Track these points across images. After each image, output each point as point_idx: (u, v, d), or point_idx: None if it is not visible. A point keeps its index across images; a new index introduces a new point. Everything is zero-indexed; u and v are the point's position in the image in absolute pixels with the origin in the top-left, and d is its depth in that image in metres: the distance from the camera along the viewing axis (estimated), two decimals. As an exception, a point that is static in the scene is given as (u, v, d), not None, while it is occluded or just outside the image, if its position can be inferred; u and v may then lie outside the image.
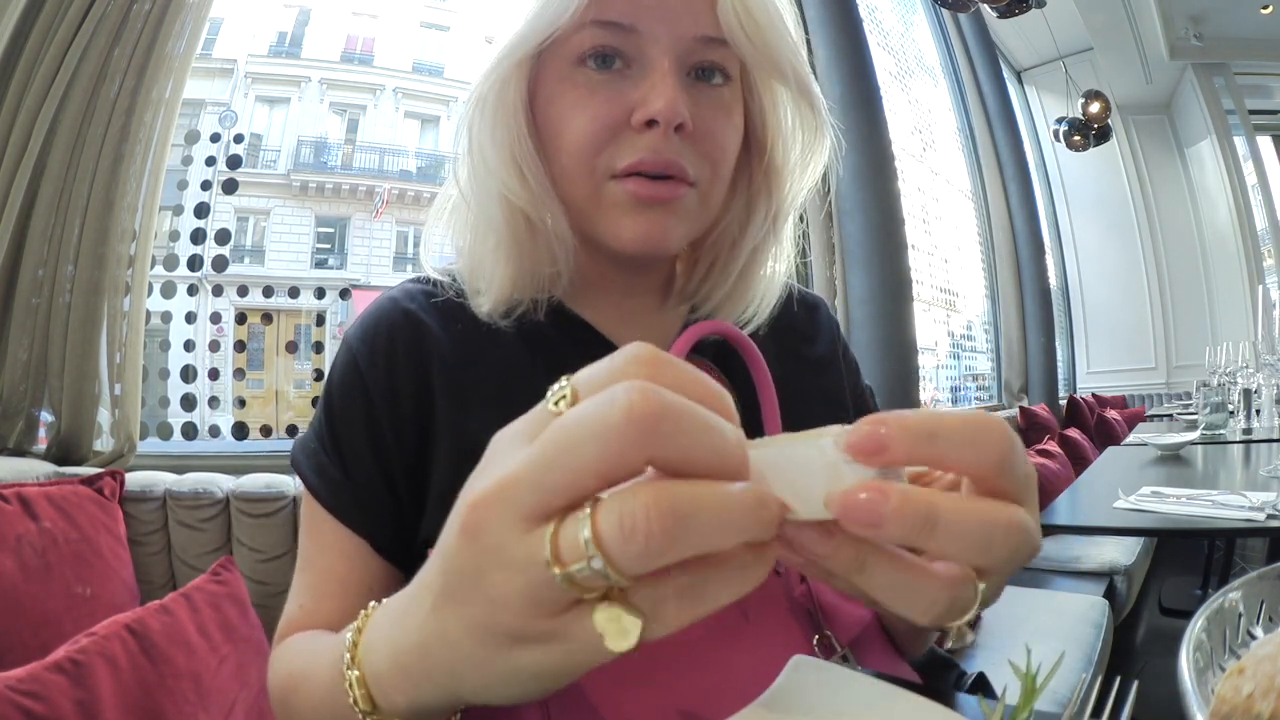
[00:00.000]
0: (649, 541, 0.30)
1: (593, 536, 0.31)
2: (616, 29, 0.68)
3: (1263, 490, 1.62)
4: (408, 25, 10.57)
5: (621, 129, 0.69)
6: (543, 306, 0.77)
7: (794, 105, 0.79)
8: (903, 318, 3.44)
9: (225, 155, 2.69)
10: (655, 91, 0.68)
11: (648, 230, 0.71)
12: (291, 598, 0.73)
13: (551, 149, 0.73)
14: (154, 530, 1.71)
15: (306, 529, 0.74)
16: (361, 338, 0.75)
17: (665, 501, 0.30)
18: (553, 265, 0.76)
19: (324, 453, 0.73)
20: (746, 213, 0.82)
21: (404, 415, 0.72)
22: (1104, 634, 2.23)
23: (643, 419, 0.31)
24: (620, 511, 0.31)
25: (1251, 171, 8.05)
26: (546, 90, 0.72)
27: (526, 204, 0.72)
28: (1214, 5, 7.12)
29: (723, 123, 0.73)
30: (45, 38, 1.90)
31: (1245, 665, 0.38)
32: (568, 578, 0.32)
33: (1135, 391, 8.50)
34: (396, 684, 0.44)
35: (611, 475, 0.32)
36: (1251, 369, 3.34)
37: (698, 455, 0.32)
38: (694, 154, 0.71)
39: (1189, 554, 4.20)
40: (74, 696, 1.01)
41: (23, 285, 1.90)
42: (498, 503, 0.34)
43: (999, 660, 1.87)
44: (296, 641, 0.67)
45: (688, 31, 0.69)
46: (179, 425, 2.38)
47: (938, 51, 6.76)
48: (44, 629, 1.39)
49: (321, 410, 0.75)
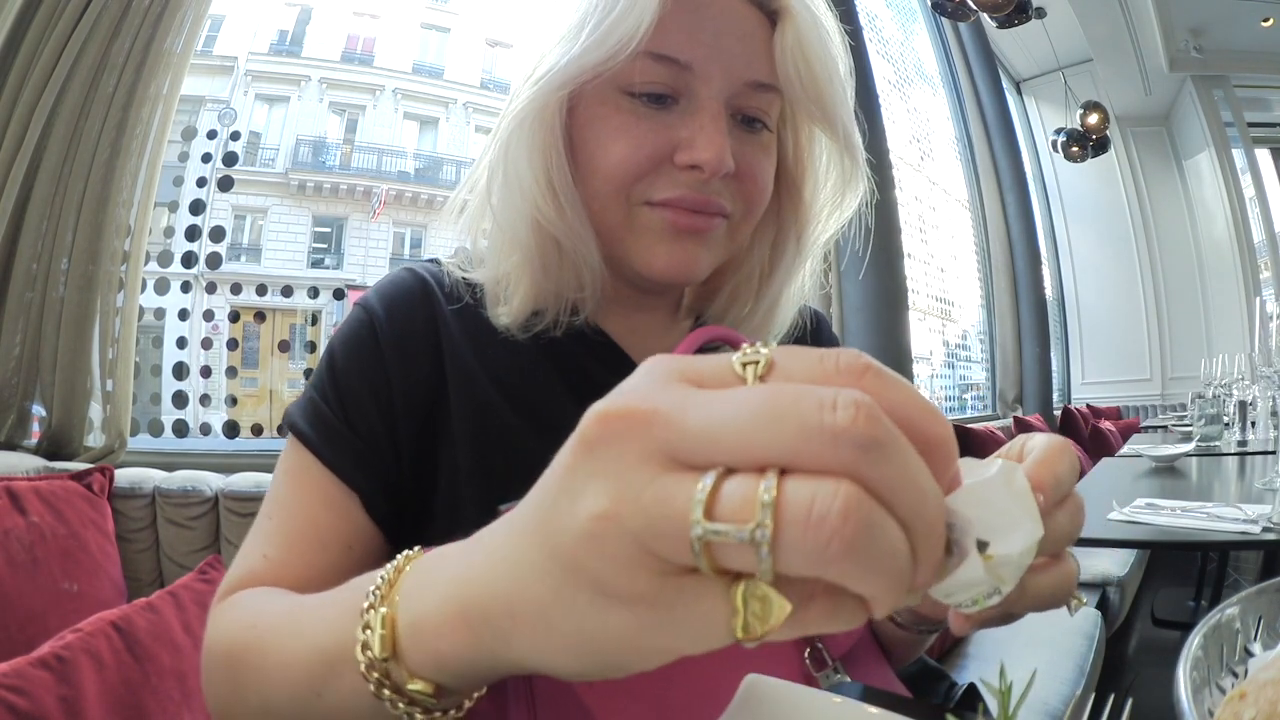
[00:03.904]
0: (831, 539, 0.26)
1: (774, 504, 0.26)
2: (671, 64, 0.67)
3: (1257, 503, 1.61)
4: (408, 26, 10.58)
5: (663, 163, 0.68)
6: (563, 326, 0.75)
7: (833, 151, 0.78)
8: (898, 326, 3.44)
9: (222, 152, 2.69)
10: (704, 137, 0.66)
11: (681, 260, 0.70)
12: (249, 549, 0.67)
13: (586, 171, 0.71)
14: (142, 527, 1.71)
15: (285, 479, 0.70)
16: (380, 302, 0.74)
17: (866, 511, 0.26)
18: (579, 291, 0.74)
19: (324, 404, 0.70)
20: (774, 251, 0.81)
21: (415, 380, 0.71)
22: (1096, 645, 2.22)
23: (862, 437, 0.26)
24: (816, 493, 0.26)
25: (1249, 184, 8.07)
26: (586, 111, 0.70)
27: (559, 230, 0.70)
28: (1214, 18, 7.15)
29: (763, 165, 0.72)
30: (44, 31, 1.90)
31: (1246, 690, 0.38)
32: (709, 537, 0.27)
33: (1130, 403, 8.51)
34: (442, 627, 0.37)
35: (795, 467, 0.27)
36: (1247, 381, 3.34)
37: (895, 502, 0.27)
38: (732, 193, 0.71)
39: (1182, 565, 4.20)
40: (58, 692, 1.00)
41: (16, 279, 1.90)
42: (642, 426, 0.29)
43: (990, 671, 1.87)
44: (256, 596, 0.61)
45: (741, 75, 0.68)
46: (170, 422, 2.37)
47: (937, 61, 6.78)
48: (30, 624, 1.38)
49: (324, 368, 0.72)
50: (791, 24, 0.68)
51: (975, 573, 0.33)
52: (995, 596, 0.35)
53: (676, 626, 0.29)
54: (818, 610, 0.29)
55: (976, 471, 0.34)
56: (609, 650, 0.31)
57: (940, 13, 5.02)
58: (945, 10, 4.89)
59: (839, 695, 0.48)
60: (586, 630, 0.31)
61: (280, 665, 0.49)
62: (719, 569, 0.28)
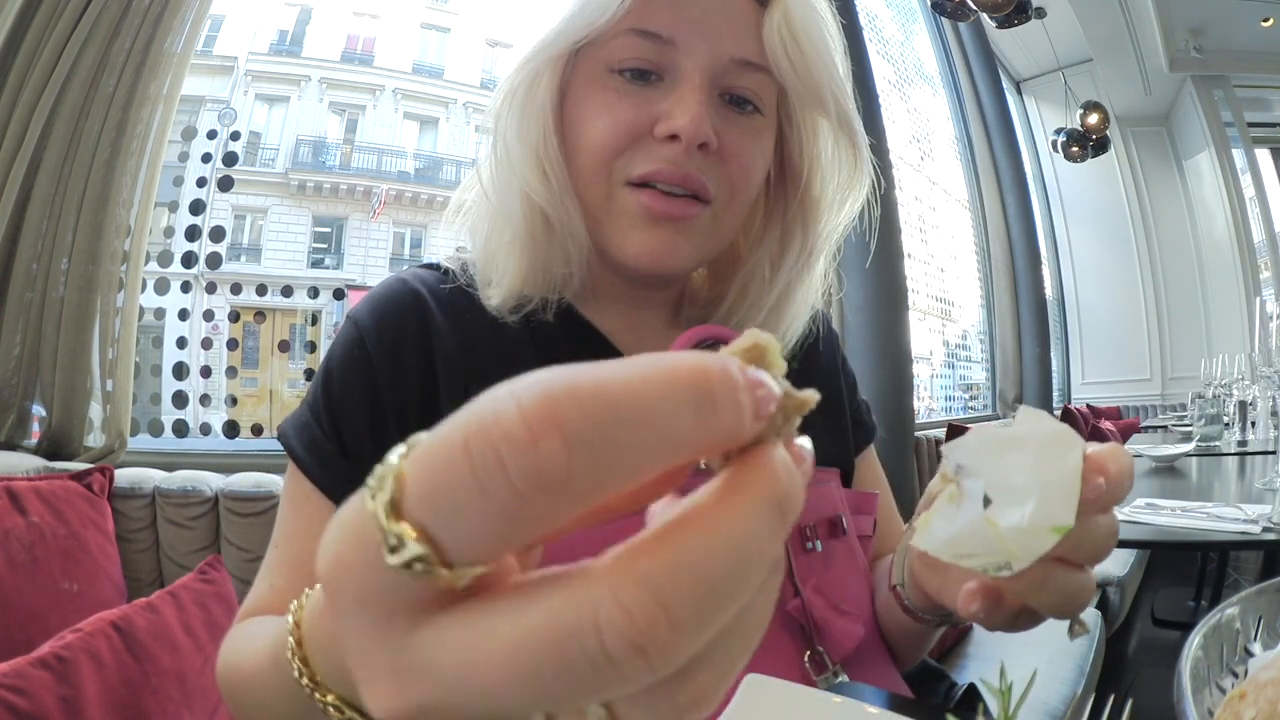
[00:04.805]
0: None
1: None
2: (655, 40, 0.67)
3: (1257, 503, 1.61)
4: (408, 26, 10.58)
5: (643, 137, 0.69)
6: (552, 307, 0.76)
7: (834, 138, 0.78)
8: (898, 326, 3.44)
9: (222, 152, 2.69)
10: (681, 106, 0.67)
11: (655, 246, 0.70)
12: (261, 577, 0.69)
13: (572, 148, 0.72)
14: (142, 527, 1.70)
15: (288, 506, 0.71)
16: (371, 315, 0.74)
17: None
18: (566, 266, 0.75)
19: (318, 426, 0.70)
20: (781, 247, 0.81)
21: (407, 397, 0.71)
22: (1096, 645, 2.22)
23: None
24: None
25: (1249, 184, 8.07)
26: (576, 91, 0.72)
27: (546, 203, 0.71)
28: (1214, 18, 7.15)
29: (750, 147, 0.72)
30: (44, 30, 1.89)
31: (1246, 691, 0.38)
32: None
33: (1130, 403, 8.50)
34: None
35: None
36: (1247, 381, 3.34)
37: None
38: (716, 174, 0.70)
39: (1182, 565, 4.20)
40: (58, 692, 1.00)
41: (16, 279, 1.89)
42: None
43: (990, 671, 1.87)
44: (248, 630, 0.61)
45: (726, 51, 0.68)
46: (170, 422, 2.36)
47: (937, 61, 6.77)
48: (30, 624, 1.38)
49: (319, 385, 0.72)
50: (780, 5, 0.69)
51: (977, 528, 0.31)
52: (1005, 571, 0.34)
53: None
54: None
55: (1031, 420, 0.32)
56: None
57: (940, 13, 5.02)
58: (945, 10, 4.89)
59: (839, 695, 0.48)
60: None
61: (259, 707, 0.50)
62: None
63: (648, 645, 0.18)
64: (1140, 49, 7.48)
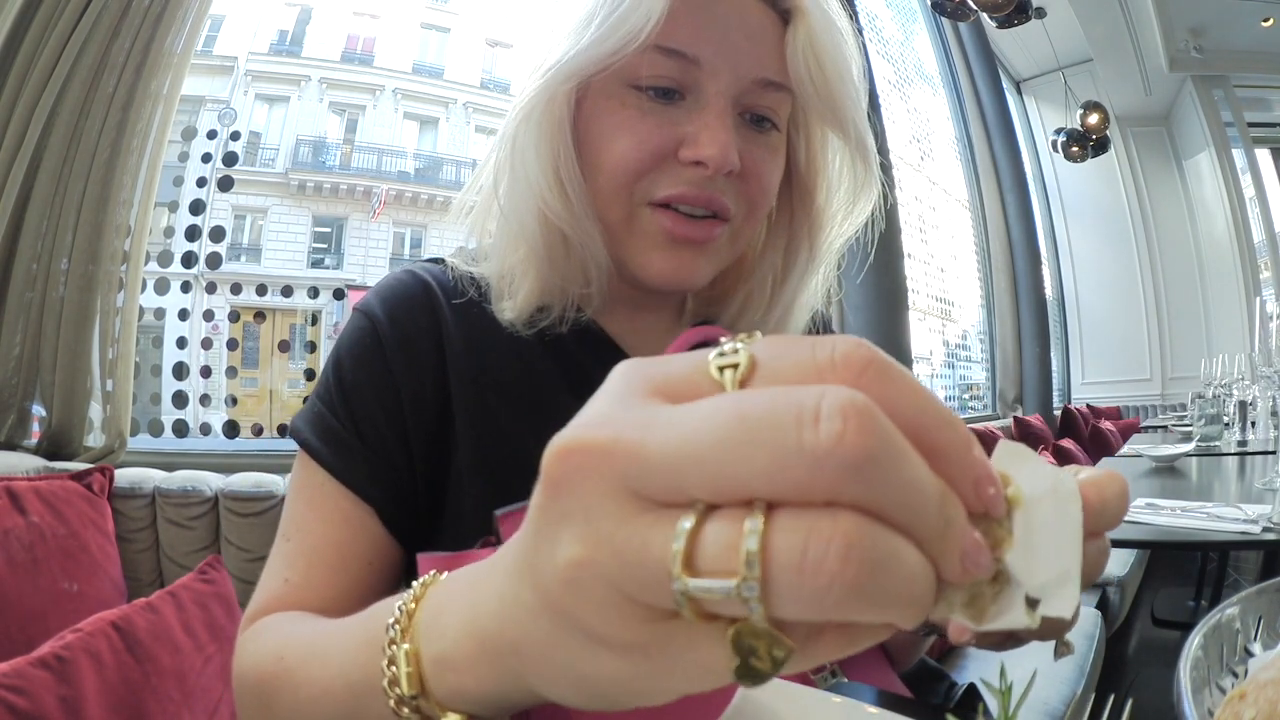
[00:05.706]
0: (831, 585, 0.22)
1: (760, 552, 0.23)
2: (679, 59, 0.66)
3: (1257, 503, 1.61)
4: (408, 26, 10.57)
5: (667, 159, 0.67)
6: (568, 323, 0.74)
7: (845, 155, 0.78)
8: (898, 326, 3.44)
9: (222, 152, 2.69)
10: (709, 134, 0.66)
11: (677, 268, 0.70)
12: (271, 572, 0.66)
13: (591, 167, 0.70)
14: (142, 527, 1.71)
15: (300, 497, 0.69)
16: (381, 305, 0.73)
17: (868, 546, 0.23)
18: (585, 286, 0.73)
19: (332, 416, 0.69)
20: (786, 257, 0.81)
21: (421, 384, 0.70)
22: (1096, 645, 2.22)
23: (853, 455, 0.22)
24: (808, 534, 0.22)
25: (1249, 184, 8.08)
26: (592, 105, 0.69)
27: (566, 224, 0.70)
28: (1214, 18, 7.15)
29: (769, 165, 0.71)
30: (44, 30, 1.90)
31: (1246, 691, 0.38)
32: (692, 594, 0.24)
33: (1130, 403, 8.50)
34: (464, 662, 0.36)
35: (778, 499, 0.23)
36: (1247, 381, 3.34)
37: (902, 518, 0.24)
38: (736, 192, 0.70)
39: (1182, 565, 4.20)
40: (58, 692, 1.00)
41: (16, 279, 1.90)
42: (602, 460, 0.25)
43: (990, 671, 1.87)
44: (281, 623, 0.60)
45: (749, 72, 0.67)
46: (170, 422, 2.36)
47: (937, 60, 6.77)
48: (30, 624, 1.38)
49: (330, 376, 0.71)
50: (804, 23, 0.68)
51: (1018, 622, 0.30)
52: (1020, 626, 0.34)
53: (672, 671, 0.27)
54: (830, 641, 0.26)
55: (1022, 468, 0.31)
56: (609, 692, 0.30)
57: (940, 13, 5.02)
58: (945, 10, 4.89)
59: (839, 695, 0.48)
60: (584, 673, 0.29)
61: (310, 699, 0.48)
62: (710, 616, 0.25)
63: (856, 436, 0.22)
64: (1140, 49, 7.49)
